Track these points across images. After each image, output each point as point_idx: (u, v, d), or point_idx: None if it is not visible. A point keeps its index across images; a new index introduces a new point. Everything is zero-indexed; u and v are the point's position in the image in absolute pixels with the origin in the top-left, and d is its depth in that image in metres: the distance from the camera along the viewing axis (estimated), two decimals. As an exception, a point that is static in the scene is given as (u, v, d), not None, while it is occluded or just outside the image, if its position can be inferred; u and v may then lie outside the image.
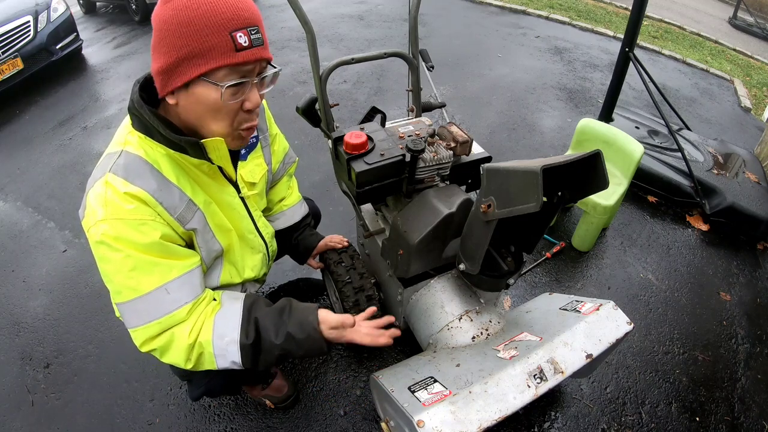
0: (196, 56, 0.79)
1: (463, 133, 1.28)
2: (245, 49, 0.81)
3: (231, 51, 0.79)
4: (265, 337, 0.98)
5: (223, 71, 0.81)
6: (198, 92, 0.83)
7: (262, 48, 0.84)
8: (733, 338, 1.90)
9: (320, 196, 2.37)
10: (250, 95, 0.87)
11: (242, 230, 1.15)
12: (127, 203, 0.85)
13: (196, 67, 0.80)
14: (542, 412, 1.57)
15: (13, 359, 1.80)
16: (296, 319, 0.99)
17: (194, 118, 0.88)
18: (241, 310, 0.99)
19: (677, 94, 4.02)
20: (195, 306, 0.96)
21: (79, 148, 3.16)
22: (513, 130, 3.22)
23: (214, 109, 0.85)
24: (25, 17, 3.82)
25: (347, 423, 1.53)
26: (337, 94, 3.54)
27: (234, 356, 0.96)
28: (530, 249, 1.21)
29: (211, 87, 0.82)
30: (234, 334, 0.96)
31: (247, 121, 0.92)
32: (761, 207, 2.35)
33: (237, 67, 0.82)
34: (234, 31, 0.79)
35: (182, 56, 0.79)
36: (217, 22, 0.77)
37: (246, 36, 0.80)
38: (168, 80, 0.83)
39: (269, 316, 1.00)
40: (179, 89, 0.84)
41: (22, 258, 2.29)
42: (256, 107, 0.89)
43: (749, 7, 6.99)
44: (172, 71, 0.82)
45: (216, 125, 0.88)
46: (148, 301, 0.90)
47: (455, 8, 5.55)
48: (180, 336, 0.93)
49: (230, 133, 0.91)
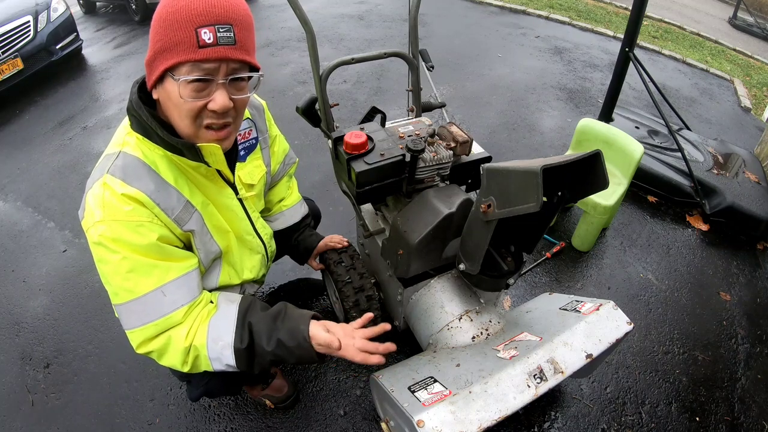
0: (165, 50, 0.80)
1: (463, 133, 1.28)
2: (208, 46, 0.78)
3: (193, 47, 0.78)
4: (258, 342, 0.97)
5: (185, 67, 0.79)
6: (167, 87, 0.84)
7: (231, 48, 0.80)
8: (733, 338, 1.90)
9: (320, 196, 2.37)
10: (215, 96, 0.83)
11: (240, 232, 1.15)
12: (125, 205, 0.85)
13: (164, 61, 0.80)
14: (542, 412, 1.57)
15: (13, 359, 1.80)
16: (288, 326, 0.97)
17: (168, 114, 0.89)
18: (236, 314, 0.99)
19: (677, 94, 4.02)
20: (191, 308, 0.96)
21: (79, 148, 3.16)
22: (513, 130, 3.22)
23: (177, 105, 0.84)
24: (25, 17, 3.82)
25: (347, 423, 1.53)
26: (337, 94, 3.54)
27: (229, 360, 0.96)
28: (530, 249, 1.21)
29: (174, 83, 0.81)
30: (228, 338, 0.95)
31: (214, 120, 0.88)
32: (761, 207, 2.35)
33: (198, 63, 0.79)
34: (200, 27, 0.77)
35: (156, 50, 0.81)
36: (184, 18, 0.77)
37: (212, 33, 0.78)
38: (149, 74, 0.85)
39: (263, 322, 0.98)
40: (157, 84, 0.85)
41: (22, 258, 2.29)
42: (222, 109, 0.84)
43: (749, 7, 6.99)
44: (150, 65, 0.84)
45: (182, 123, 0.87)
46: (145, 303, 0.90)
47: (455, 8, 5.55)
48: (177, 339, 0.93)
49: (196, 133, 0.89)
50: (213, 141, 0.91)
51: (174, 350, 0.94)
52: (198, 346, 0.94)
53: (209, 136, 0.90)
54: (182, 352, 0.94)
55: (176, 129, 0.90)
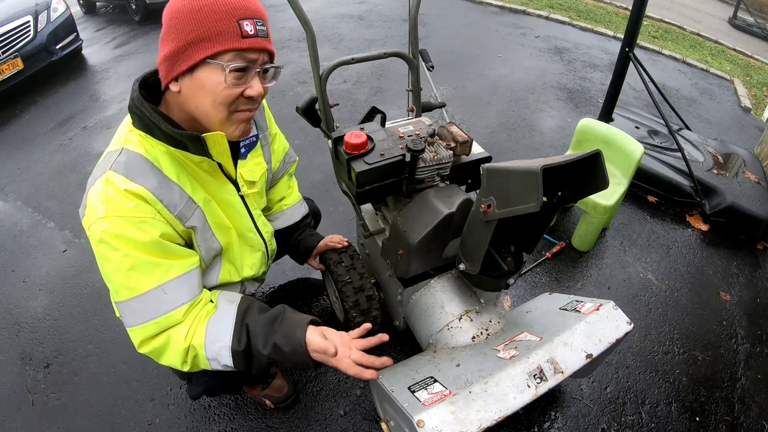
0: (204, 40, 0.82)
1: (463, 133, 1.28)
2: (251, 37, 0.84)
3: (237, 36, 0.83)
4: (254, 344, 0.96)
5: (228, 55, 0.84)
6: (202, 76, 0.85)
7: (267, 40, 0.88)
8: (733, 338, 1.90)
9: (320, 196, 2.37)
10: (252, 83, 0.89)
11: (242, 228, 1.16)
12: (128, 201, 0.86)
13: (203, 50, 0.83)
14: (542, 412, 1.57)
15: (13, 359, 1.80)
16: (284, 331, 0.96)
17: (194, 105, 0.89)
18: (234, 315, 0.98)
19: (677, 94, 4.02)
20: (192, 307, 0.96)
21: (79, 148, 3.16)
22: (513, 130, 3.22)
23: (215, 92, 0.86)
24: (25, 17, 3.82)
25: (347, 423, 1.53)
26: (337, 94, 3.54)
27: (226, 361, 0.96)
28: (530, 249, 1.21)
29: (216, 69, 0.84)
30: (226, 339, 0.95)
31: (247, 106, 0.92)
32: (761, 207, 2.35)
33: (242, 52, 0.84)
34: (241, 19, 0.83)
35: (190, 40, 0.83)
36: (225, 10, 0.82)
37: (252, 25, 0.84)
38: (174, 65, 0.86)
39: (260, 324, 0.98)
40: (184, 74, 0.86)
41: (22, 258, 2.29)
42: (259, 96, 0.90)
43: (749, 7, 6.99)
44: (179, 55, 0.84)
45: (214, 111, 0.89)
46: (146, 301, 0.91)
47: (455, 8, 5.55)
48: (176, 338, 0.94)
49: (227, 119, 0.91)
50: (241, 124, 0.95)
51: (173, 350, 0.94)
52: (196, 346, 0.95)
53: (240, 116, 0.93)
54: (182, 352, 0.94)
55: (203, 118, 0.92)
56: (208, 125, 0.92)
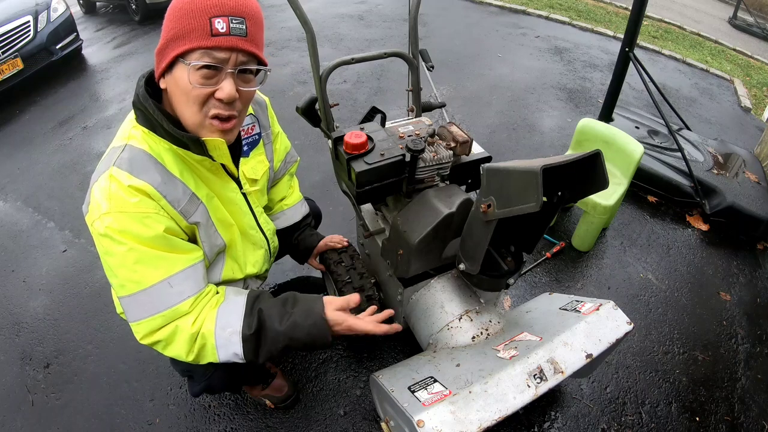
0: (178, 38, 0.82)
1: (463, 133, 1.28)
2: (221, 35, 0.81)
3: (206, 34, 0.81)
4: (269, 325, 0.98)
5: (196, 53, 0.82)
6: (176, 74, 0.85)
7: (243, 39, 0.83)
8: (733, 338, 1.90)
9: (320, 196, 2.37)
10: (223, 84, 0.85)
11: (244, 226, 1.16)
12: (132, 196, 0.86)
13: (176, 48, 0.83)
14: (542, 412, 1.57)
15: (13, 359, 1.80)
16: (302, 307, 1.00)
17: (175, 103, 0.90)
18: (244, 302, 1.00)
19: (677, 94, 4.02)
20: (198, 299, 0.97)
21: (79, 148, 3.16)
22: (513, 130, 3.22)
23: (185, 92, 0.85)
24: (25, 17, 3.82)
25: (347, 423, 1.53)
26: (337, 94, 3.54)
27: (236, 347, 0.96)
28: (530, 249, 1.21)
29: (184, 68, 0.83)
30: (237, 324, 0.96)
31: (220, 110, 0.88)
32: (761, 207, 2.35)
33: (210, 51, 0.82)
34: (214, 16, 0.80)
35: (168, 38, 0.83)
36: (200, 8, 0.80)
37: (225, 23, 0.81)
38: (159, 62, 0.87)
39: (274, 306, 1.00)
40: (166, 73, 0.87)
41: (22, 258, 2.29)
42: (229, 98, 0.86)
43: (749, 7, 6.99)
44: (161, 53, 0.86)
45: (188, 111, 0.88)
46: (152, 294, 0.91)
47: (455, 8, 5.55)
48: (183, 328, 0.94)
49: (202, 122, 0.89)
50: (217, 132, 0.92)
51: (180, 339, 0.94)
52: (205, 334, 0.95)
53: (214, 125, 0.90)
54: (188, 340, 0.94)
55: (182, 119, 0.91)
56: (186, 126, 0.91)
